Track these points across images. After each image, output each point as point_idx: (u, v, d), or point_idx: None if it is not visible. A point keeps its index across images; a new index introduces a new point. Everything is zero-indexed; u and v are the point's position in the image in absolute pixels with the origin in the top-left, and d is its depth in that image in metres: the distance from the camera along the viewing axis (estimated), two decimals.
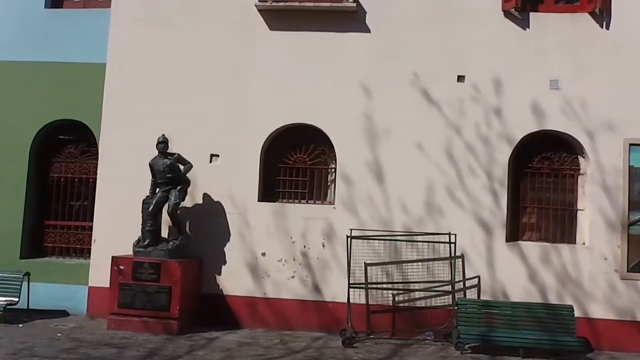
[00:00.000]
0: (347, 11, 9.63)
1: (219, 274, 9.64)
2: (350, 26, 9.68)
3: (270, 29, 9.85)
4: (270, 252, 9.58)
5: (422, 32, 9.58)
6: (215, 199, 9.73)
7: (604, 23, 9.36)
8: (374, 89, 9.55)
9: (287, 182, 9.92)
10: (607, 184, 9.14)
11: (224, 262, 9.65)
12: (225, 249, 9.66)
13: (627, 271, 9.00)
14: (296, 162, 9.92)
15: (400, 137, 9.44)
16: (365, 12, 9.69)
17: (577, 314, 8.79)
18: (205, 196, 9.76)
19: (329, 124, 9.63)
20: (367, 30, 9.68)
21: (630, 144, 9.12)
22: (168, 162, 9.32)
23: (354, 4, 9.56)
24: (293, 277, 9.53)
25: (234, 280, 9.60)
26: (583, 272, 9.08)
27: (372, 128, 9.51)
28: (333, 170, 9.80)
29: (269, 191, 9.87)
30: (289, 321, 9.46)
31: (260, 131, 9.74)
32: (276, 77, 9.76)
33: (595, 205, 9.16)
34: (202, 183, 9.70)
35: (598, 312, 9.01)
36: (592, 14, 9.36)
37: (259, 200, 9.69)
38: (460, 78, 9.46)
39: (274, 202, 9.78)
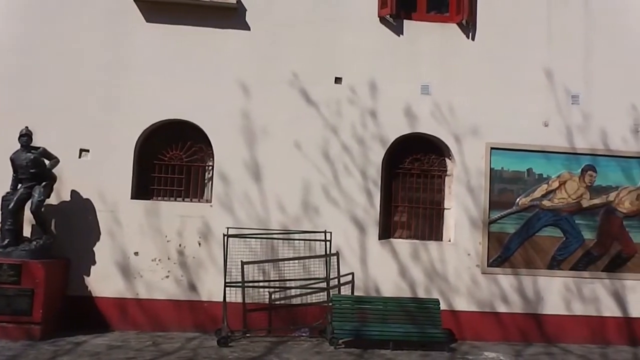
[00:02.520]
0: (227, 7, 9.53)
1: (88, 275, 9.17)
2: (231, 23, 9.60)
3: (147, 21, 9.52)
4: (143, 252, 9.26)
5: (302, 33, 9.69)
6: (85, 196, 9.24)
7: (470, 34, 9.98)
8: (253, 88, 9.53)
9: (162, 180, 9.64)
10: (471, 184, 9.76)
11: (93, 263, 9.19)
12: (94, 248, 9.20)
13: (488, 266, 9.67)
14: (172, 159, 9.66)
15: (278, 136, 9.49)
16: (246, 10, 9.64)
17: (442, 307, 9.32)
18: (74, 193, 9.24)
19: (206, 121, 9.48)
20: (247, 28, 9.65)
21: (492, 148, 9.80)
22: (32, 157, 8.71)
23: (234, 1, 9.47)
24: (167, 276, 9.27)
25: (103, 282, 9.17)
26: (449, 267, 9.62)
27: (250, 126, 9.49)
28: (210, 168, 9.66)
29: (142, 188, 9.53)
30: (162, 322, 9.20)
31: (134, 126, 9.38)
32: (153, 70, 9.45)
33: (460, 205, 9.75)
34: (70, 179, 9.17)
35: (462, 304, 9.59)
36: (459, 25, 9.95)
37: (131, 198, 9.33)
38: (338, 80, 9.68)
39: (148, 199, 9.46)
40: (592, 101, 9.98)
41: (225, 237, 8.93)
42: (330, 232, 9.31)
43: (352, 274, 9.50)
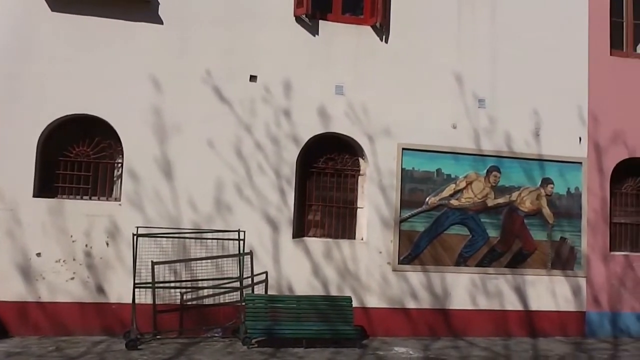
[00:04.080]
0: (139, 0, 9.25)
1: None
2: (143, 16, 9.31)
3: (52, 10, 9.08)
4: (46, 253, 8.83)
5: (216, 30, 9.55)
6: None
7: (384, 37, 10.19)
8: (165, 83, 9.30)
9: (67, 177, 9.23)
10: (383, 184, 9.97)
11: None
12: None
13: (398, 263, 9.92)
14: (79, 156, 9.27)
15: (190, 133, 9.31)
16: (159, 4, 9.39)
17: (354, 304, 9.47)
18: None
19: (116, 117, 9.16)
20: (160, 22, 9.40)
21: (403, 148, 10.05)
22: None
23: None
24: (73, 278, 8.89)
25: (1, 285, 8.66)
26: (361, 265, 9.79)
27: (161, 123, 9.25)
28: (119, 165, 9.34)
29: (46, 186, 9.08)
30: (67, 326, 8.82)
31: (37, 120, 8.92)
32: (59, 62, 9.02)
33: (372, 204, 9.94)
34: None
35: (373, 301, 9.78)
36: (374, 27, 10.14)
37: (34, 196, 8.87)
38: (253, 78, 9.62)
39: (52, 197, 9.03)
40: (498, 106, 10.44)
41: (135, 237, 8.67)
42: (244, 231, 9.24)
43: (266, 273, 9.48)
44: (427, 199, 10.12)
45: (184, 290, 9.19)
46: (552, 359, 8.80)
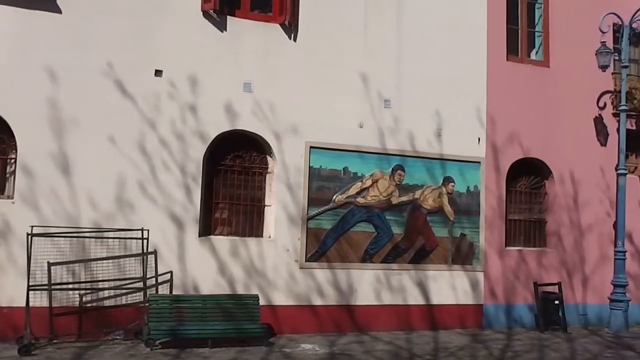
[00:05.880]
0: None
1: None
2: (39, 3, 8.81)
3: None
4: None
5: (120, 21, 9.21)
6: None
7: (293, 35, 10.23)
8: (63, 75, 8.86)
9: None
10: (291, 182, 10.01)
11: None
12: None
13: (305, 261, 9.99)
14: None
15: (90, 128, 8.93)
16: None
17: (262, 302, 9.44)
18: None
19: (8, 110, 8.63)
20: (58, 11, 8.93)
21: (311, 147, 10.14)
22: None
23: None
24: None
25: None
26: (268, 263, 9.78)
27: (59, 116, 8.80)
28: (13, 161, 8.82)
29: None
30: None
31: None
32: None
33: (280, 202, 9.95)
34: None
35: (280, 299, 9.81)
36: (282, 25, 10.15)
37: None
38: (158, 72, 9.36)
39: None
40: (402, 106, 10.75)
41: (29, 237, 8.22)
42: (148, 230, 8.99)
43: (171, 272, 9.27)
44: (334, 197, 10.26)
45: (83, 291, 8.81)
46: (451, 350, 9.17)
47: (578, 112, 12.15)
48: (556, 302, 11.20)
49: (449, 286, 10.88)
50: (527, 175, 12.00)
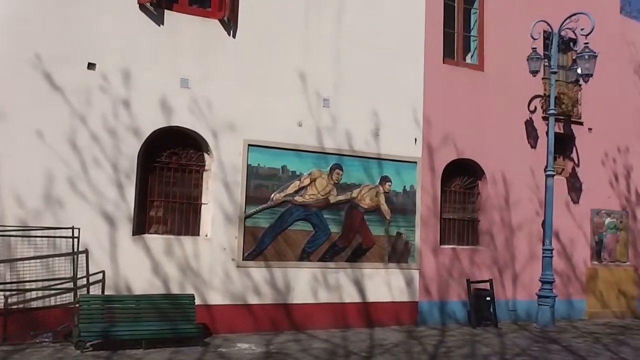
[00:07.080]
0: None
1: None
2: None
3: None
4: None
5: (51, 11, 8.84)
6: None
7: (232, 32, 10.10)
8: None
9: None
10: (228, 180, 9.89)
11: None
12: None
13: (242, 260, 9.90)
14: None
15: (16, 121, 8.53)
16: None
17: (197, 302, 9.30)
18: None
19: None
20: None
21: (249, 145, 10.06)
22: None
23: None
24: None
25: None
26: (204, 262, 9.63)
27: None
28: None
29: None
30: None
31: None
32: None
33: (217, 200, 9.82)
34: None
35: (216, 298, 9.69)
36: (221, 21, 10.01)
37: None
38: (91, 66, 9.04)
39: None
40: (340, 105, 10.82)
41: None
42: (78, 228, 8.69)
43: (103, 272, 8.99)
44: (272, 195, 10.21)
45: (7, 293, 8.42)
46: (386, 346, 9.30)
47: (510, 115, 12.59)
48: (487, 298, 11.57)
49: (384, 284, 11.03)
50: (461, 176, 12.32)
